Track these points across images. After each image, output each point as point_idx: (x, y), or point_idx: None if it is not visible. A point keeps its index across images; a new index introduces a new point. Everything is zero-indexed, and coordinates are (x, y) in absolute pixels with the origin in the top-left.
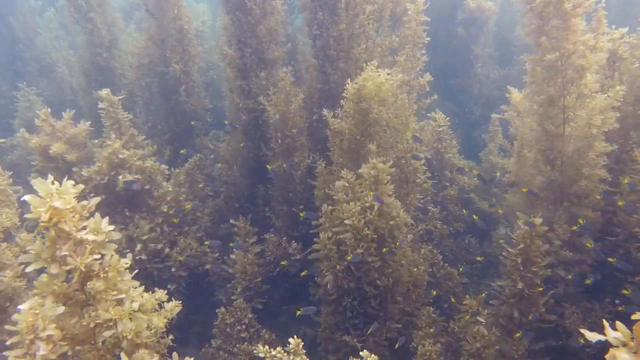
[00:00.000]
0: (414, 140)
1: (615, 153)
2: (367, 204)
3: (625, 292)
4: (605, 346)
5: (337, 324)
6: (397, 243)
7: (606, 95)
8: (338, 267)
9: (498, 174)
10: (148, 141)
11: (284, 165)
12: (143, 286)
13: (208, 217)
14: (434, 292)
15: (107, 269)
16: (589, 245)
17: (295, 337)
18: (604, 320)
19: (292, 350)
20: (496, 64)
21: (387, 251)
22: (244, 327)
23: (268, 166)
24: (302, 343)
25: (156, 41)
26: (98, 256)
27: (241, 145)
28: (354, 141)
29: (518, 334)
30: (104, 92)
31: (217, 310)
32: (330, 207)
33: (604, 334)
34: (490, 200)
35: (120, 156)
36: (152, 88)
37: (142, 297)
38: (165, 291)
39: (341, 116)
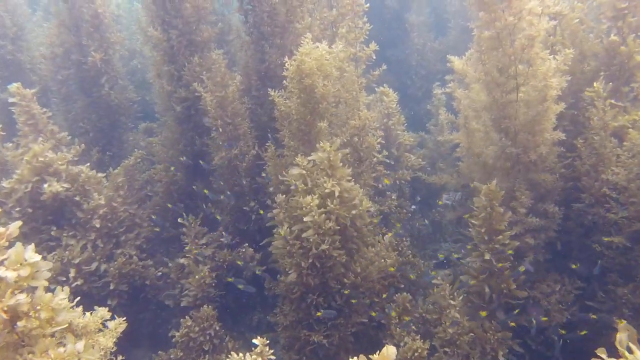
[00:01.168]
0: None
1: (568, 114)
2: (326, 192)
3: (574, 266)
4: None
5: (300, 321)
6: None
7: (555, 58)
8: (303, 264)
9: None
10: (75, 140)
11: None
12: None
13: (147, 222)
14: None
15: (38, 307)
16: (574, 266)
17: (259, 337)
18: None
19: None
20: (432, 32)
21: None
22: (207, 337)
23: (201, 162)
24: (267, 342)
25: (69, 27)
26: (22, 296)
27: (176, 138)
28: (303, 122)
29: (483, 313)
30: (14, 85)
31: (181, 320)
32: (286, 197)
33: None
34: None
35: (43, 159)
36: (69, 81)
37: (82, 318)
38: (107, 308)
39: (286, 96)
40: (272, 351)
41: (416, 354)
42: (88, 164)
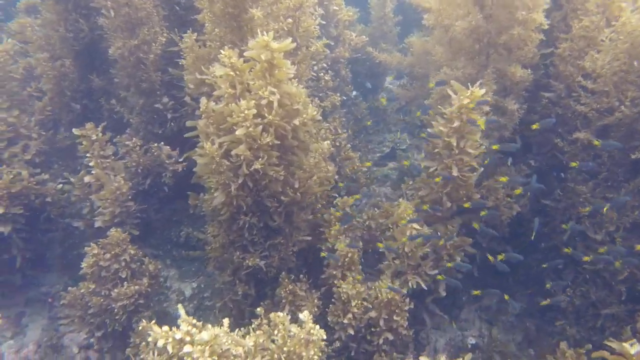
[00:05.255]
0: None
1: None
2: (263, 101)
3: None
4: None
5: (233, 243)
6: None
7: None
8: (232, 185)
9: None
10: None
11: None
12: None
13: (38, 130)
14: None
15: None
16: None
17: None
18: None
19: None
20: None
21: None
22: (123, 264)
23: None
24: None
25: None
26: None
27: (57, 20)
28: (230, 2)
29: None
30: None
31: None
32: (210, 102)
33: None
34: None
35: None
36: None
37: None
38: None
39: None
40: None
41: (347, 259)
42: None
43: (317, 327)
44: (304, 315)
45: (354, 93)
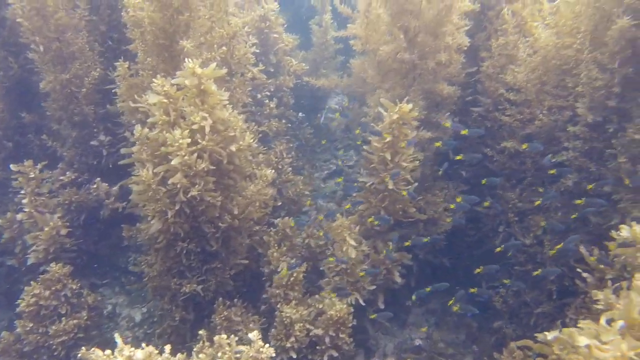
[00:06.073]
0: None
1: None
2: (195, 126)
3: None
4: None
5: (170, 269)
6: None
7: None
8: (169, 212)
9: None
10: None
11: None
12: None
13: None
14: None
15: None
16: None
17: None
18: None
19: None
20: None
21: None
22: (63, 300)
23: None
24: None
25: None
26: None
27: None
28: (161, 34)
29: (371, 219)
30: None
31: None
32: (145, 130)
33: None
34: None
35: None
36: None
37: None
38: None
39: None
40: None
41: (291, 279)
42: None
43: (267, 345)
44: (254, 334)
45: (300, 114)
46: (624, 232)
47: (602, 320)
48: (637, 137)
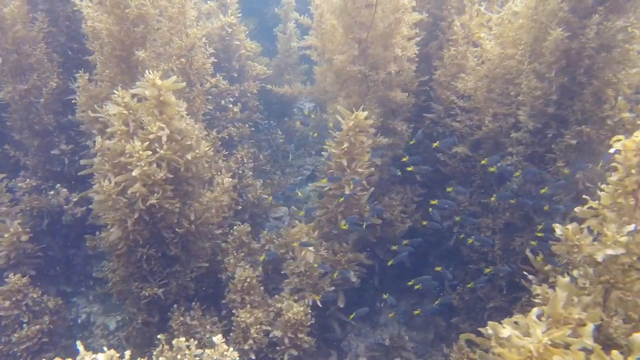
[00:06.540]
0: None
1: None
2: (152, 136)
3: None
4: None
5: (132, 274)
6: None
7: None
8: (129, 220)
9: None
10: None
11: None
12: None
13: None
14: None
15: None
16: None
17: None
18: None
19: None
20: None
21: None
22: (24, 309)
23: None
24: None
25: None
26: None
27: None
28: (118, 46)
29: (343, 224)
30: None
31: None
32: (105, 140)
33: None
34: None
35: None
36: None
37: None
38: None
39: (98, 12)
40: None
41: (246, 284)
42: None
43: (231, 349)
44: (217, 338)
45: (271, 122)
46: (558, 230)
47: (532, 315)
48: (573, 143)
